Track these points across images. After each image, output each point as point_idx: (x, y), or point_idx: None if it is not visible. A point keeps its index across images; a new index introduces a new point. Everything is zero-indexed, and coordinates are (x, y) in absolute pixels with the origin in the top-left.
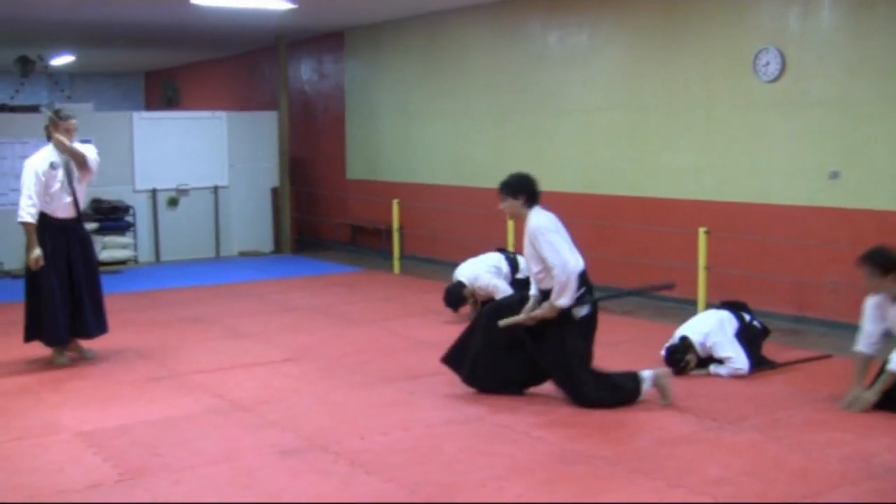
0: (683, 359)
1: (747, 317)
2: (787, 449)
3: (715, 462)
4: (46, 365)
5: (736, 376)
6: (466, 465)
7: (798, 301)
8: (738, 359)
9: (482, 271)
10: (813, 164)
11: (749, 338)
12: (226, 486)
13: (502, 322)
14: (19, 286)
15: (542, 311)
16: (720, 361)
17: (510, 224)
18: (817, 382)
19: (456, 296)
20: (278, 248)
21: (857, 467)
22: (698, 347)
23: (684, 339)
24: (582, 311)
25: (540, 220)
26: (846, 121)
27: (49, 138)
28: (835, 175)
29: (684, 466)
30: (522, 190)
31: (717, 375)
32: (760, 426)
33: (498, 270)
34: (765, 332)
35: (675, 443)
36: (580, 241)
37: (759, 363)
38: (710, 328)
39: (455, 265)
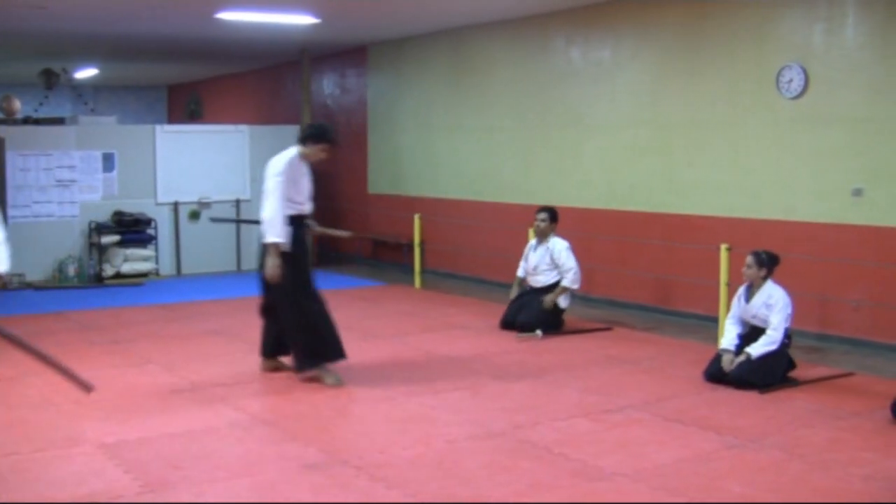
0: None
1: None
2: (810, 467)
3: (737, 480)
4: (67, 378)
5: (765, 355)
6: (488, 480)
7: (821, 318)
8: (778, 335)
9: (571, 259)
10: (836, 182)
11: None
12: (247, 500)
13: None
14: (41, 298)
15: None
16: (755, 337)
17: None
18: (839, 400)
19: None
20: None
21: (879, 486)
22: (762, 306)
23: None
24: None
25: (275, 162)
26: (870, 138)
27: None
28: (858, 192)
29: (707, 484)
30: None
31: (748, 357)
32: (782, 444)
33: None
34: (791, 362)
35: (697, 460)
36: (603, 257)
37: (780, 381)
38: (784, 296)
39: (477, 280)
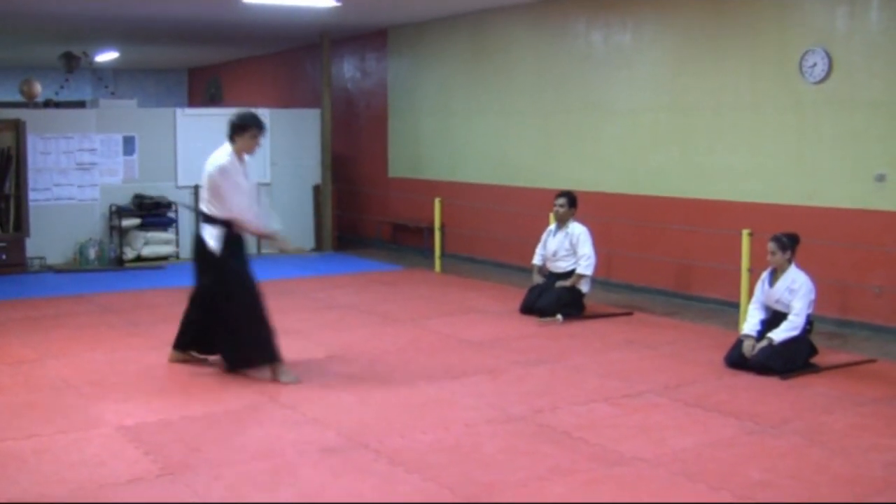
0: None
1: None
2: (830, 453)
3: (757, 466)
4: (88, 360)
5: (787, 340)
6: (507, 465)
7: (842, 304)
8: (800, 320)
9: (587, 245)
10: (859, 167)
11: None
12: (266, 483)
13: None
14: (62, 280)
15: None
16: (777, 323)
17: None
18: (860, 387)
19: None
20: (319, 245)
21: None
22: (785, 290)
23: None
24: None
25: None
26: (894, 123)
27: None
28: (881, 178)
29: (727, 469)
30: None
31: (770, 342)
32: (803, 430)
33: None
34: (812, 348)
35: (716, 445)
36: (623, 242)
37: (801, 367)
38: (807, 281)
39: (497, 265)
